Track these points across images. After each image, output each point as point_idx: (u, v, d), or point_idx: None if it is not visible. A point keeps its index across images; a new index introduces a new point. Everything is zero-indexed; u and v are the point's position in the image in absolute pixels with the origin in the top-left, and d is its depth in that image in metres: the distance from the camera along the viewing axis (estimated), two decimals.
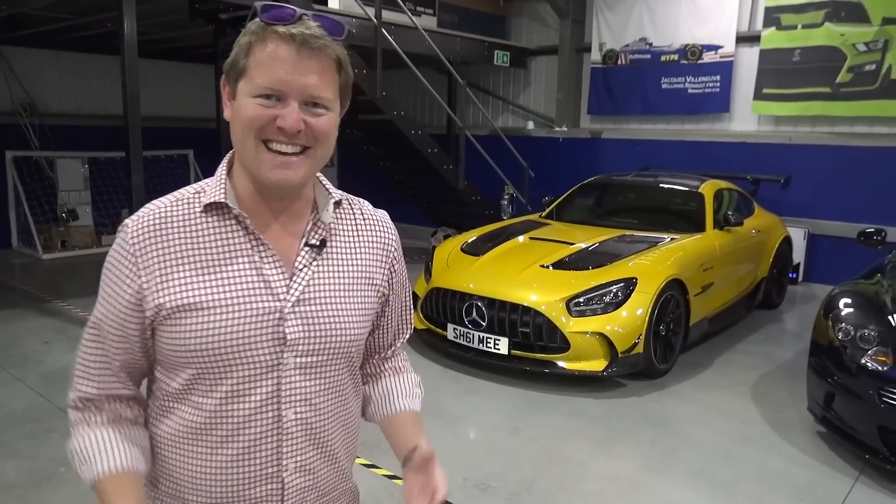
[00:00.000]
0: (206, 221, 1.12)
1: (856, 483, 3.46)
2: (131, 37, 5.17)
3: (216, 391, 1.11)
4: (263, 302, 1.11)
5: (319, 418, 1.19)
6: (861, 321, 3.69)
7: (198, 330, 1.08)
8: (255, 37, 1.06)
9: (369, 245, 1.26)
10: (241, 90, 1.08)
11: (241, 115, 1.07)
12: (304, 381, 1.16)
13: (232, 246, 1.12)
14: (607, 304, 4.52)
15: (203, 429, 1.13)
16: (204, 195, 1.14)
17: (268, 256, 1.13)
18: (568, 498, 3.30)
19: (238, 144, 1.11)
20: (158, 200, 1.16)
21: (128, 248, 1.10)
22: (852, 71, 7.37)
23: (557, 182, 8.33)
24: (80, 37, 8.43)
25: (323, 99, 1.08)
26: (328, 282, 1.18)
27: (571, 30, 9.53)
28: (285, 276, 1.13)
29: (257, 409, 1.13)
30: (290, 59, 1.04)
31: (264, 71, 1.04)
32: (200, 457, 1.15)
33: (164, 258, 1.10)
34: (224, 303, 1.09)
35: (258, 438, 1.14)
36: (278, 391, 1.13)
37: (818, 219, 7.75)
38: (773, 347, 5.64)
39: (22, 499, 3.19)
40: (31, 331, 5.64)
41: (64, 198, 9.05)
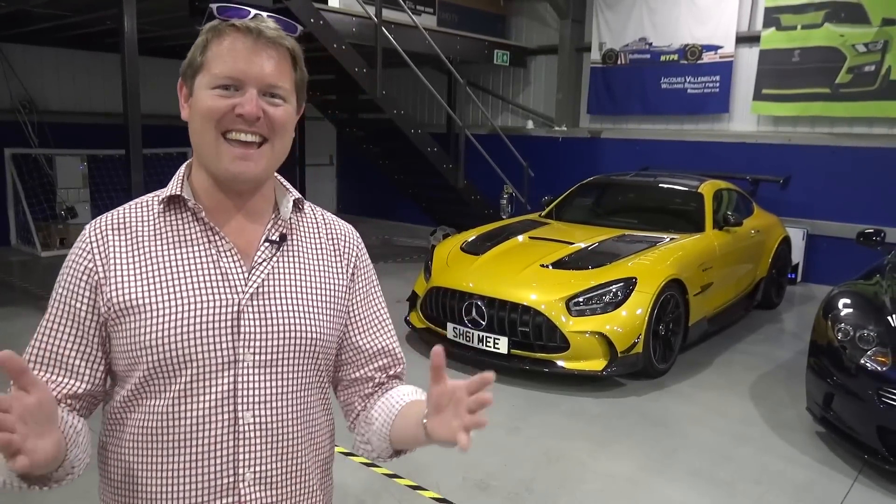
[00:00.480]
0: (165, 219, 1.13)
1: (854, 483, 3.46)
2: (131, 34, 5.16)
3: (169, 389, 1.07)
4: (220, 294, 1.09)
5: (281, 422, 1.12)
6: (860, 322, 3.70)
7: (154, 324, 1.06)
8: (213, 32, 1.09)
9: (329, 242, 1.25)
10: (199, 84, 1.10)
11: (200, 107, 1.09)
12: (264, 380, 1.10)
13: (188, 240, 1.12)
14: (607, 303, 4.53)
15: (156, 433, 1.08)
16: (162, 194, 1.15)
17: (225, 249, 1.12)
18: (568, 497, 3.30)
19: (197, 139, 1.11)
20: (119, 207, 1.17)
21: (85, 247, 1.11)
22: (852, 72, 7.39)
23: (557, 182, 8.34)
24: (80, 34, 8.42)
25: (280, 88, 1.10)
26: (287, 277, 1.16)
27: (571, 29, 9.54)
28: (244, 270, 1.12)
29: (212, 408, 1.07)
30: (248, 49, 1.07)
31: (222, 62, 1.07)
32: (154, 465, 1.09)
33: (120, 255, 1.10)
34: (179, 295, 1.07)
35: (214, 441, 1.07)
36: (235, 390, 1.08)
37: (817, 219, 7.76)
38: (771, 347, 5.65)
39: (21, 497, 3.18)
40: (29, 329, 5.55)
41: (63, 195, 9.04)
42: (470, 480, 3.40)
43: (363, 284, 1.29)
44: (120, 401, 1.12)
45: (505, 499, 3.26)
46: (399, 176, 9.11)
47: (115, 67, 6.95)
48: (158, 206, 1.14)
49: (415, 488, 3.29)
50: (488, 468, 3.53)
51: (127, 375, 1.10)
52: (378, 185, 10.04)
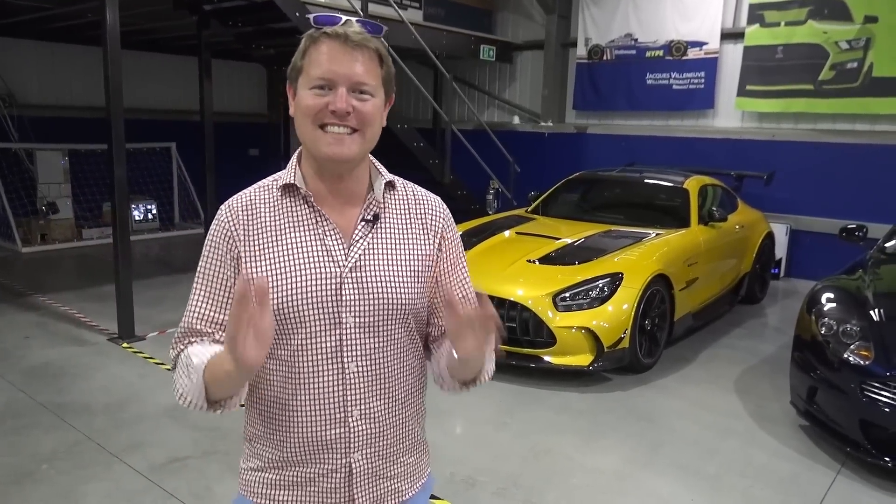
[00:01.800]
0: (283, 202, 1.35)
1: (838, 475, 3.50)
2: (114, 28, 5.09)
3: (289, 344, 1.31)
4: (326, 267, 1.31)
5: (380, 372, 1.36)
6: (843, 316, 3.73)
7: (275, 293, 1.28)
8: (310, 40, 1.29)
9: (418, 219, 1.43)
10: (300, 85, 1.29)
11: (301, 105, 1.29)
12: (364, 339, 1.33)
13: (301, 221, 1.34)
14: (593, 298, 4.54)
15: (284, 375, 1.33)
16: (280, 180, 1.36)
17: (329, 229, 1.33)
18: (555, 491, 3.31)
19: (301, 130, 1.31)
20: (247, 189, 1.39)
21: (224, 226, 1.34)
22: (835, 68, 7.45)
23: (543, 177, 8.34)
24: (61, 27, 8.30)
25: (367, 85, 1.28)
26: (380, 252, 1.36)
27: (557, 25, 9.54)
28: (344, 246, 1.33)
29: (323, 360, 1.32)
30: (337, 53, 1.26)
31: (317, 65, 1.26)
32: (285, 399, 1.33)
33: (250, 232, 1.33)
34: (294, 269, 1.30)
35: (326, 386, 1.32)
36: (341, 346, 1.32)
37: (800, 215, 7.84)
38: (755, 342, 5.69)
39: (3, 496, 3.14)
40: (10, 325, 5.56)
41: (44, 190, 8.91)
42: (457, 476, 3.40)
43: (449, 253, 1.47)
44: None
45: (493, 494, 3.26)
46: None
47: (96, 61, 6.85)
48: (277, 191, 1.36)
49: None
50: (476, 464, 3.53)
51: None
52: None
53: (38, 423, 3.81)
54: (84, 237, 9.08)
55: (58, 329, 5.51)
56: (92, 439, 3.64)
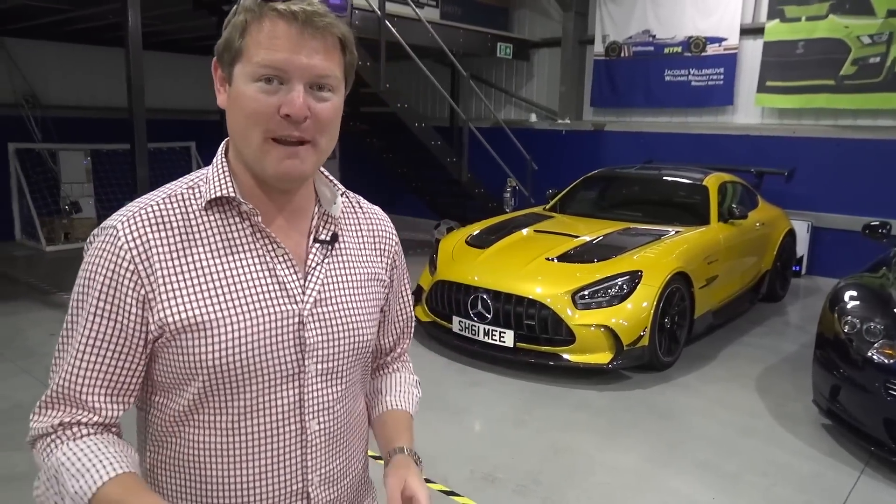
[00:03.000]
0: (208, 220, 1.02)
1: (861, 475, 3.47)
2: (136, 29, 5.16)
3: (232, 406, 1.02)
4: (281, 306, 1.03)
5: (339, 426, 1.13)
6: (867, 314, 3.69)
7: (215, 342, 0.98)
8: (251, 14, 0.96)
9: (371, 240, 1.21)
10: (239, 74, 0.98)
11: (243, 105, 0.97)
12: (325, 389, 1.09)
13: (239, 246, 1.02)
14: (612, 296, 4.53)
15: (218, 449, 1.03)
16: (201, 190, 1.03)
17: (279, 255, 1.04)
18: (575, 489, 3.31)
19: (239, 136, 1.01)
20: (146, 198, 1.03)
21: (123, 255, 0.97)
22: (856, 63, 7.35)
23: (561, 175, 8.32)
24: (82, 28, 8.40)
25: (329, 79, 1.00)
26: (341, 280, 1.11)
27: (574, 22, 9.50)
28: (299, 277, 1.06)
29: (280, 421, 1.05)
30: (293, 38, 0.95)
31: (264, 51, 0.95)
32: (215, 481, 1.04)
33: (166, 265, 0.97)
34: (240, 311, 1.00)
35: (283, 453, 1.06)
36: (301, 401, 1.06)
37: (822, 212, 7.74)
38: (777, 340, 5.64)
39: (31, 489, 3.20)
40: (35, 323, 5.65)
41: (67, 190, 9.05)
42: (477, 473, 3.41)
43: (398, 277, 1.30)
44: (171, 417, 1.05)
45: (512, 491, 3.27)
46: (403, 169, 9.10)
47: (118, 62, 6.93)
48: (198, 205, 1.03)
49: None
50: (495, 461, 3.53)
51: (176, 391, 1.03)
52: (382, 179, 10.03)
53: None
54: None
55: None
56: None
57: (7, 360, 4.78)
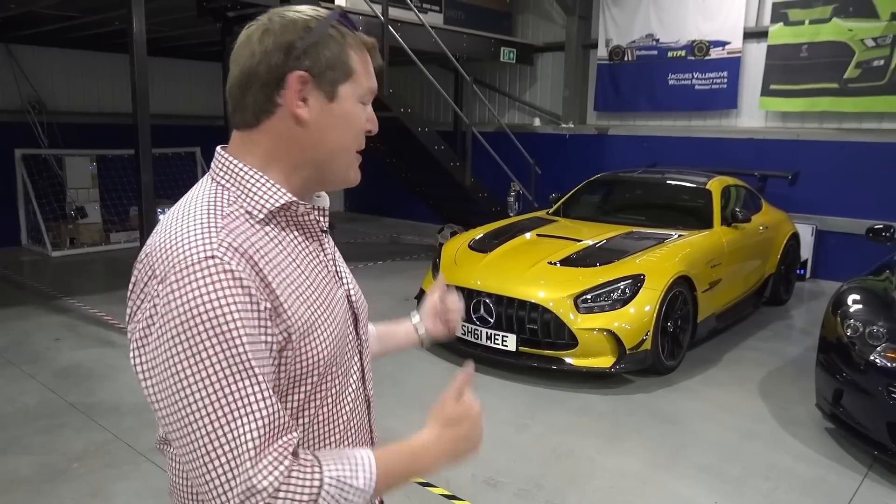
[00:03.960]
0: (269, 230, 1.04)
1: (864, 479, 3.46)
2: (140, 35, 5.19)
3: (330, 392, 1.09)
4: (338, 290, 1.14)
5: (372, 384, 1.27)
6: (870, 317, 3.69)
7: (325, 338, 1.04)
8: (351, 40, 1.07)
9: None
10: (349, 93, 1.06)
11: (353, 122, 1.09)
12: (367, 355, 1.23)
13: (300, 247, 1.08)
14: (615, 300, 4.53)
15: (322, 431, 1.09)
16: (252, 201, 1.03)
17: (323, 249, 1.15)
18: (577, 493, 3.31)
19: (336, 150, 1.09)
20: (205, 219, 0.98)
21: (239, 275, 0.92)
22: (860, 66, 7.35)
23: (564, 179, 8.33)
24: (88, 35, 8.47)
25: None
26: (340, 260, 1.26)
27: (578, 26, 9.52)
28: (332, 262, 1.17)
29: (355, 390, 1.16)
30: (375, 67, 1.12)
31: (368, 77, 1.09)
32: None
33: (270, 279, 0.98)
34: (328, 305, 1.07)
35: (360, 419, 1.18)
36: (362, 371, 1.19)
37: (826, 215, 7.73)
38: (780, 344, 5.63)
39: (36, 493, 3.22)
40: (41, 328, 5.68)
41: (73, 195, 9.10)
42: (479, 477, 3.42)
43: None
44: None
45: (514, 495, 3.27)
46: (406, 174, 9.12)
47: (123, 68, 6.98)
48: (256, 217, 1.03)
49: (424, 485, 3.31)
50: (497, 465, 3.54)
51: (288, 392, 1.03)
52: (385, 184, 10.04)
53: (69, 422, 3.90)
54: (112, 241, 9.25)
55: (87, 331, 5.63)
56: (121, 439, 3.72)
57: (13, 365, 4.81)
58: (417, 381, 4.53)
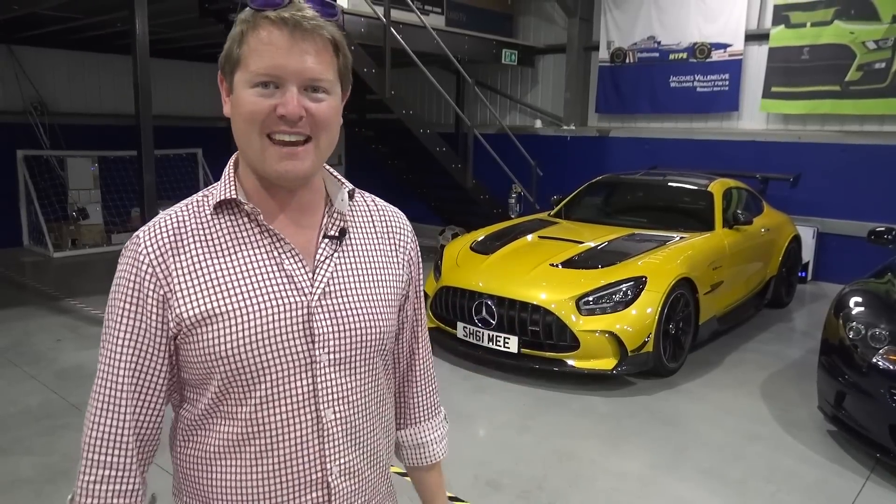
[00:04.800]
0: (219, 223, 1.10)
1: (867, 482, 3.46)
2: (143, 37, 5.20)
3: (251, 397, 1.07)
4: (288, 298, 1.08)
5: (358, 417, 1.16)
6: (872, 320, 3.68)
7: (225, 335, 1.04)
8: (247, 25, 1.03)
9: (385, 236, 1.25)
10: (238, 81, 1.05)
11: (241, 109, 1.04)
12: (340, 379, 1.13)
13: (248, 244, 1.09)
14: (617, 302, 4.53)
15: (241, 440, 1.09)
16: (212, 197, 1.11)
17: (286, 251, 1.10)
18: (579, 495, 3.31)
19: (241, 140, 1.08)
20: (168, 209, 1.13)
21: (143, 259, 1.06)
22: (862, 69, 7.35)
23: (565, 181, 8.33)
24: (91, 36, 8.48)
25: (322, 81, 1.05)
26: (351, 273, 1.15)
27: (579, 28, 9.53)
28: (307, 270, 1.11)
29: (295, 410, 1.09)
30: (284, 43, 1.01)
31: (259, 57, 1.01)
32: (240, 471, 1.10)
33: (182, 265, 1.06)
34: (249, 304, 1.05)
35: (300, 442, 1.10)
36: (314, 390, 1.10)
37: (828, 217, 7.73)
38: (782, 346, 5.63)
39: (38, 494, 3.22)
40: (43, 328, 5.68)
41: (74, 196, 9.11)
42: (481, 479, 3.42)
43: (417, 278, 1.33)
44: (198, 411, 1.12)
45: (517, 497, 3.27)
46: (408, 176, 9.13)
47: (125, 69, 6.98)
48: (209, 209, 1.10)
49: None
50: (499, 467, 3.54)
51: (202, 385, 1.10)
52: (387, 185, 10.02)
53: (71, 423, 3.90)
54: (113, 242, 9.26)
55: (89, 332, 5.63)
56: None
57: (15, 366, 4.82)
58: None
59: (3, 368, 4.77)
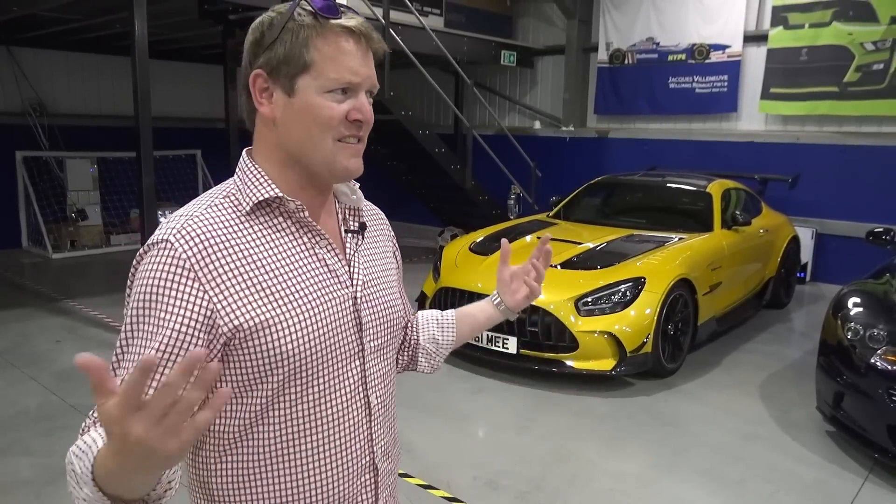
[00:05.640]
0: (255, 223, 1.07)
1: (865, 482, 3.46)
2: (142, 38, 5.20)
3: (310, 392, 1.08)
4: (336, 291, 1.12)
5: (389, 398, 1.24)
6: (870, 321, 3.69)
7: (288, 335, 1.04)
8: (314, 31, 1.04)
9: (381, 230, 1.33)
10: (308, 86, 1.05)
11: (316, 114, 1.05)
12: (380, 364, 1.20)
13: (289, 242, 1.09)
14: (615, 303, 4.53)
15: (296, 438, 1.09)
16: (238, 197, 1.08)
17: (325, 246, 1.12)
18: (577, 496, 3.31)
19: (305, 141, 1.07)
20: (187, 211, 1.06)
21: (183, 263, 0.98)
22: (860, 70, 7.36)
23: (564, 182, 8.34)
24: (90, 38, 8.48)
25: (376, 87, 1.12)
26: (374, 265, 1.22)
27: (578, 29, 9.54)
28: (344, 264, 1.15)
29: (351, 398, 1.14)
30: (359, 52, 1.06)
31: (337, 65, 1.04)
32: (295, 471, 1.09)
33: (227, 270, 1.01)
34: (305, 302, 1.06)
35: (355, 429, 1.15)
36: (364, 377, 1.16)
37: (826, 218, 7.74)
38: (781, 347, 5.64)
39: (37, 495, 3.22)
40: (42, 330, 5.68)
41: (73, 197, 9.11)
42: (480, 479, 3.42)
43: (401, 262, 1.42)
44: (241, 421, 1.07)
45: (515, 497, 3.27)
46: (407, 177, 9.13)
47: (124, 70, 6.99)
48: (242, 210, 1.07)
49: (425, 487, 3.31)
50: (498, 467, 3.54)
51: (253, 390, 1.05)
52: (386, 186, 10.05)
53: (70, 424, 3.90)
54: (112, 243, 9.26)
55: (88, 333, 5.63)
56: None
57: (14, 367, 4.81)
58: (417, 381, 4.52)
59: (2, 370, 4.77)
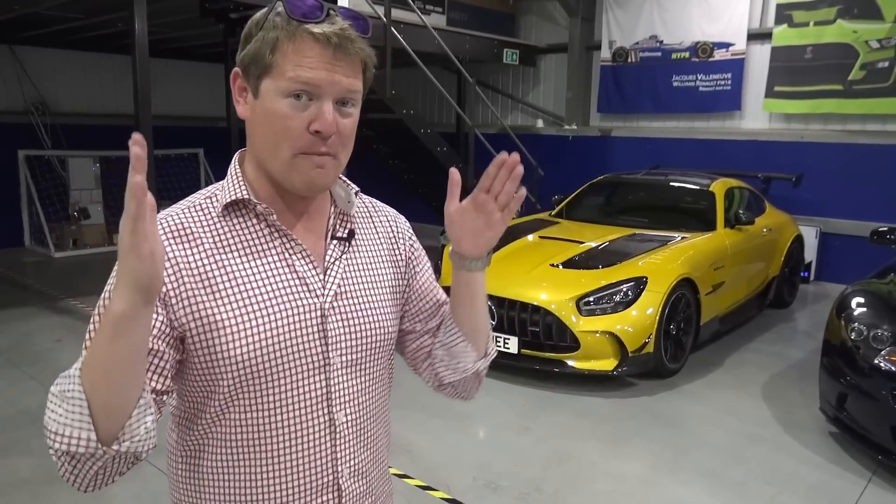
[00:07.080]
0: (227, 224, 1.07)
1: (868, 484, 3.43)
2: (142, 36, 5.20)
3: (264, 401, 1.05)
4: (302, 300, 1.07)
5: (366, 418, 1.17)
6: (874, 321, 3.66)
7: (241, 338, 1.02)
8: (284, 33, 0.99)
9: (387, 239, 1.26)
10: (268, 88, 1.01)
11: (274, 121, 1.01)
12: (350, 380, 1.13)
13: (258, 245, 1.07)
14: (617, 303, 4.51)
15: (251, 447, 1.07)
16: (218, 197, 1.08)
17: (297, 252, 1.08)
18: (578, 497, 3.29)
19: (266, 149, 1.05)
20: (169, 209, 1.08)
21: None
22: (865, 68, 7.32)
23: (567, 181, 8.30)
24: (91, 36, 8.48)
25: (353, 94, 1.04)
26: (360, 275, 1.16)
27: (581, 28, 9.50)
28: (318, 272, 1.10)
29: (310, 412, 1.08)
30: (326, 60, 0.99)
31: (297, 69, 0.99)
32: (254, 476, 1.08)
33: (186, 265, 1.02)
34: (262, 306, 1.03)
35: (313, 445, 1.10)
36: (328, 392, 1.10)
37: (830, 217, 7.70)
38: (784, 347, 5.60)
39: (35, 496, 3.21)
40: (43, 329, 5.68)
41: (76, 196, 9.12)
42: (480, 480, 3.40)
43: (418, 263, 1.31)
44: (205, 420, 1.08)
45: (515, 499, 3.26)
46: (409, 175, 9.11)
47: (125, 69, 6.98)
48: (216, 211, 1.07)
49: (425, 488, 3.29)
50: (498, 468, 3.52)
51: (211, 389, 1.06)
52: (387, 185, 10.00)
53: None
54: (114, 242, 9.14)
55: None
56: None
57: (14, 366, 4.81)
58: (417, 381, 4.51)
59: (2, 369, 4.77)
